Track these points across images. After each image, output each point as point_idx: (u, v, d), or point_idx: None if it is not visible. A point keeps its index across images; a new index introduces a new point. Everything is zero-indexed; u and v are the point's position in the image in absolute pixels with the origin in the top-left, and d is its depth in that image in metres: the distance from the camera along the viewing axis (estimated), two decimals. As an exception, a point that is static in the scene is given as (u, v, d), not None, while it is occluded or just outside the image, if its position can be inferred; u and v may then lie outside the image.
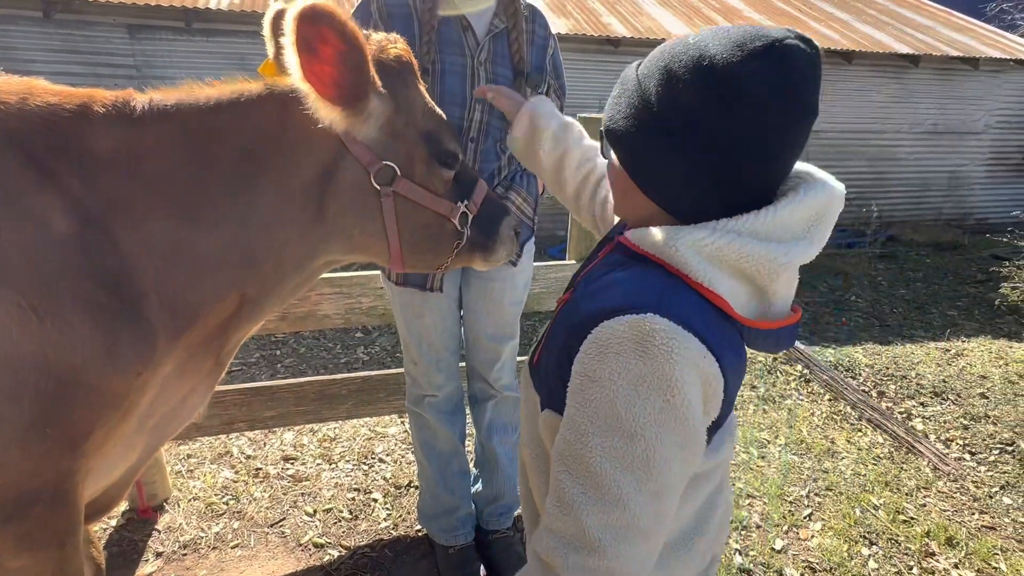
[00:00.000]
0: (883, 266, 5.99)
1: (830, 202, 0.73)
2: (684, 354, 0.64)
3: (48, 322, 0.92)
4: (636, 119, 0.71)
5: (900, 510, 2.39)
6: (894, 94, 7.07)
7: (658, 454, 0.65)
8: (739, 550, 2.13)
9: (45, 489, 0.98)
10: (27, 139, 0.96)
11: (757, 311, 0.73)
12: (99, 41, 5.00)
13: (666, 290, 0.69)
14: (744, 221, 0.69)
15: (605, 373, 0.66)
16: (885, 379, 3.60)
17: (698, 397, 0.66)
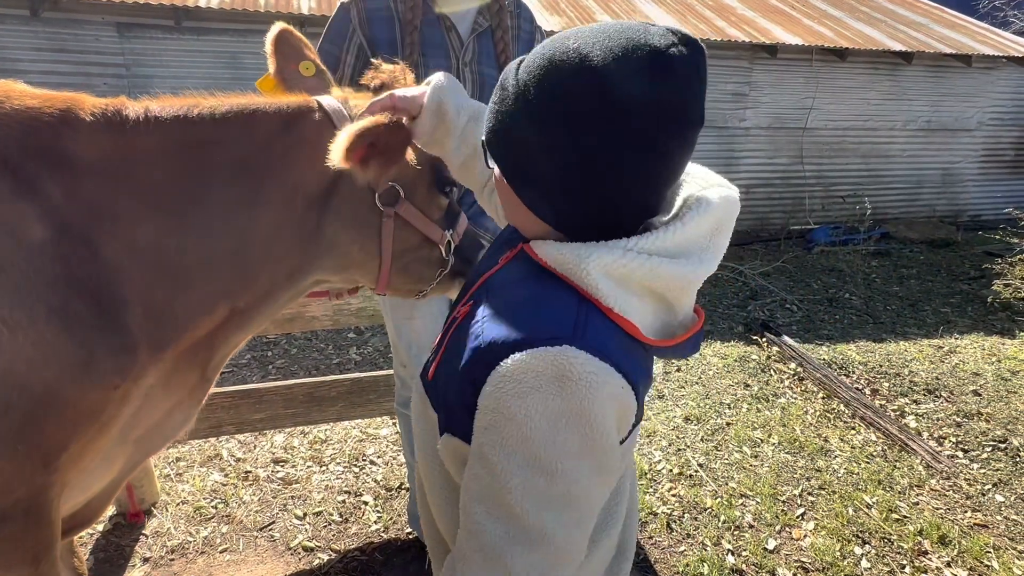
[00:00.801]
0: (876, 263, 5.99)
1: (729, 210, 0.70)
2: (603, 389, 0.61)
3: (20, 334, 0.90)
4: (516, 130, 0.67)
5: (893, 508, 2.39)
6: (887, 91, 7.08)
7: (578, 487, 0.63)
8: (731, 550, 2.12)
9: (18, 506, 0.96)
10: (1, 144, 0.94)
11: (664, 324, 0.71)
12: (88, 40, 4.94)
13: (580, 317, 0.65)
14: (653, 240, 0.66)
15: (521, 411, 0.62)
16: (878, 377, 3.60)
17: (614, 426, 0.65)
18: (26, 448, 0.92)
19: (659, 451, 2.71)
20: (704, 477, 2.53)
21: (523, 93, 0.66)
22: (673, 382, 3.39)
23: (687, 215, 0.67)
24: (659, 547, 2.12)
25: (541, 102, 0.65)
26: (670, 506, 2.33)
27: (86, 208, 0.99)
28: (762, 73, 6.62)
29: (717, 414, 3.06)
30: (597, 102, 0.61)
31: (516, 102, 0.67)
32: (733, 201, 0.71)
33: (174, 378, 1.17)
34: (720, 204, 0.69)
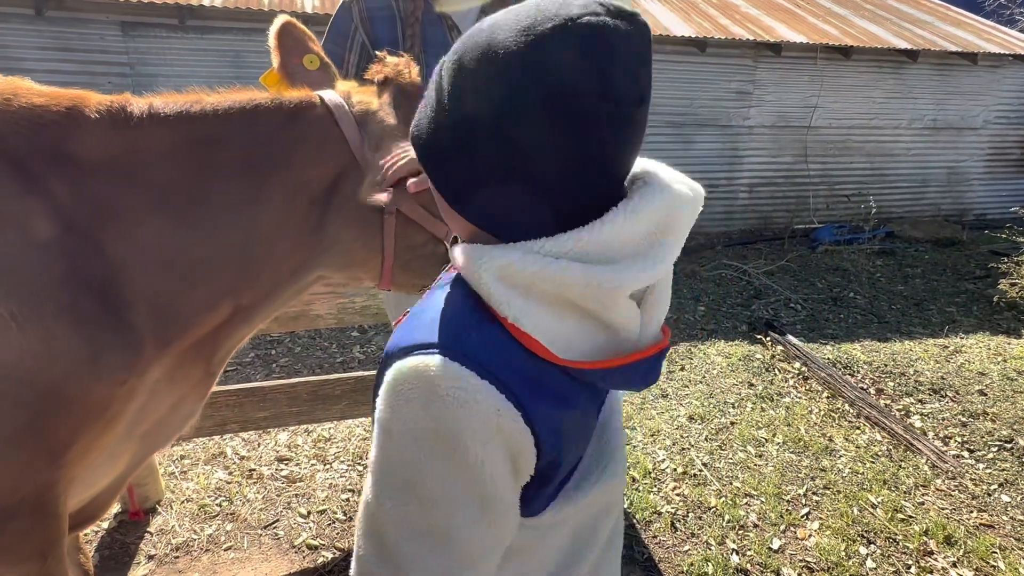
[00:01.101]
0: (881, 262, 5.97)
1: (675, 209, 0.60)
2: (473, 407, 0.54)
3: (28, 331, 0.90)
4: (434, 123, 0.60)
5: (898, 508, 2.38)
6: (892, 90, 7.05)
7: (455, 521, 0.56)
8: (736, 550, 2.12)
9: (25, 502, 0.96)
10: (9, 142, 0.94)
11: (605, 343, 0.61)
12: (92, 39, 4.96)
13: (467, 324, 0.58)
14: (565, 240, 0.56)
15: (395, 425, 0.56)
16: (883, 376, 3.58)
17: (499, 456, 0.56)
18: (34, 443, 0.93)
19: (663, 450, 2.70)
20: (708, 476, 2.52)
21: (438, 81, 0.60)
22: (677, 381, 3.38)
23: (607, 217, 0.57)
24: (663, 547, 2.12)
25: (453, 89, 0.58)
26: (674, 505, 2.33)
27: (92, 206, 0.99)
28: (766, 71, 6.60)
29: (721, 413, 3.05)
30: (500, 78, 0.54)
31: (434, 93, 0.61)
32: (682, 200, 0.61)
33: (179, 373, 1.17)
34: (661, 204, 0.59)
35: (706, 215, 6.80)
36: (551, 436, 0.59)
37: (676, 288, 5.00)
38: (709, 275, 5.37)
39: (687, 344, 3.87)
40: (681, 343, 3.89)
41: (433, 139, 0.61)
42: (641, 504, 2.31)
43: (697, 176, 0.68)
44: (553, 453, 0.60)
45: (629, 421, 2.92)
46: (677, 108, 6.43)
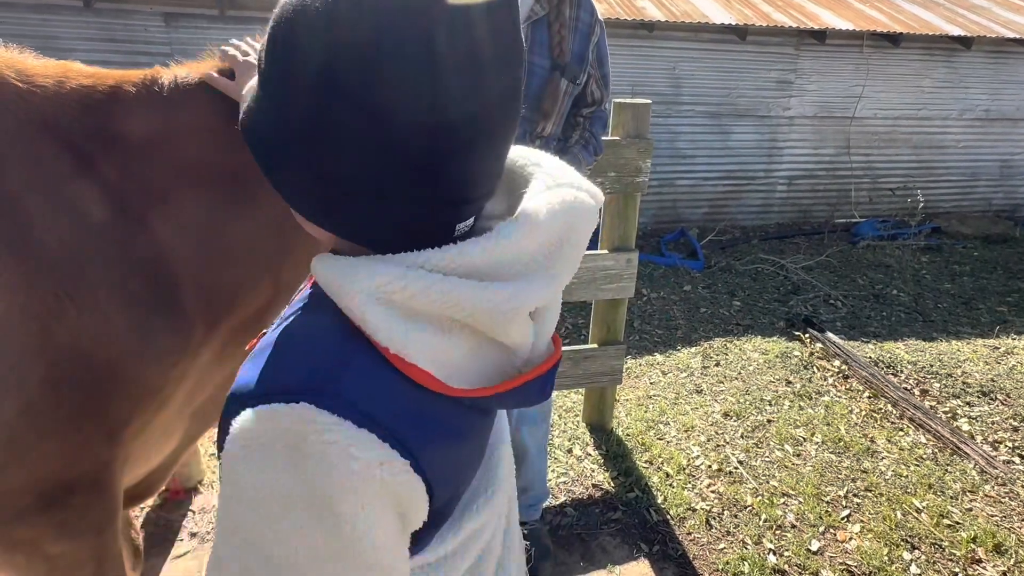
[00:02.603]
0: (927, 259, 5.75)
1: (572, 220, 0.53)
2: (350, 466, 0.44)
3: (84, 313, 0.92)
4: (253, 102, 0.51)
5: (944, 514, 2.30)
6: (943, 78, 6.74)
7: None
8: (773, 550, 2.07)
9: (83, 478, 0.99)
10: (63, 124, 0.96)
11: (495, 363, 0.55)
12: (136, 29, 5.08)
13: (337, 360, 0.47)
14: (454, 255, 0.48)
15: (248, 486, 0.45)
16: (928, 377, 3.46)
17: (384, 516, 0.47)
18: (91, 422, 0.95)
19: (697, 446, 2.66)
20: (744, 474, 2.47)
21: (263, 45, 0.50)
22: (711, 377, 3.32)
23: (503, 228, 0.50)
24: (698, 543, 2.09)
25: (265, 48, 0.49)
26: (709, 502, 2.29)
27: (138, 187, 1.01)
28: (809, 60, 6.39)
29: (757, 411, 2.98)
30: (304, 37, 0.45)
31: (261, 60, 0.51)
32: (582, 208, 0.54)
33: (227, 352, 1.19)
34: (559, 213, 0.52)
35: (742, 208, 6.65)
36: (445, 477, 0.51)
37: (711, 282, 4.91)
38: (744, 269, 5.25)
39: (722, 339, 3.80)
40: (716, 338, 3.82)
41: (264, 138, 0.50)
42: (675, 500, 2.28)
43: (734, 168, 0.60)
44: (447, 494, 0.53)
45: (662, 416, 2.88)
46: (714, 98, 6.28)
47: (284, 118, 0.48)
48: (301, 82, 0.46)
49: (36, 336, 0.88)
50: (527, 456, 1.92)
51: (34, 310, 0.88)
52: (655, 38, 5.87)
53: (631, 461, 2.50)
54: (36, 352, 0.88)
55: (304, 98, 0.46)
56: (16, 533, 0.95)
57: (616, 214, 2.30)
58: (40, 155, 0.92)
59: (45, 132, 0.93)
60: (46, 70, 0.98)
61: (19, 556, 0.98)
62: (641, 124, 2.13)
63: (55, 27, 4.85)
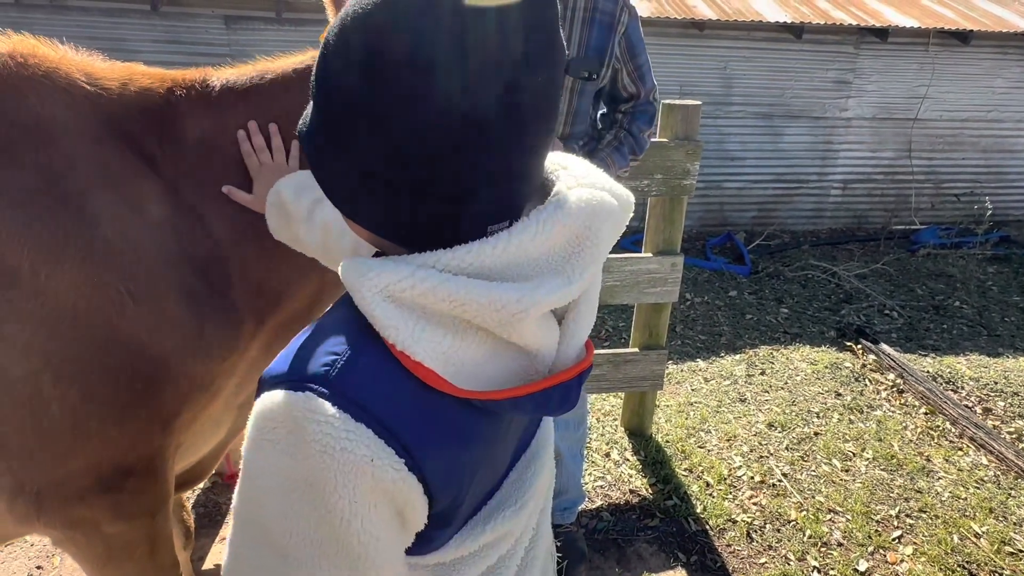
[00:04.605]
0: (993, 269, 5.42)
1: (596, 219, 0.52)
2: (342, 457, 0.46)
3: (144, 307, 0.97)
4: (310, 117, 0.54)
5: (1007, 541, 2.16)
6: (1017, 79, 6.35)
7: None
8: (817, 567, 2.00)
9: (139, 463, 1.04)
10: (127, 125, 1.00)
11: (518, 366, 0.54)
12: (199, 31, 5.31)
13: (346, 353, 0.49)
14: (464, 254, 0.49)
15: (256, 466, 0.49)
16: (992, 395, 3.26)
17: (373, 511, 0.48)
18: (147, 411, 1.00)
19: (739, 456, 2.59)
20: (788, 487, 2.39)
21: None
22: (756, 386, 3.22)
23: (520, 226, 0.50)
24: (738, 556, 2.03)
25: (316, 75, 0.52)
26: (750, 515, 2.23)
27: (192, 185, 1.05)
28: (869, 59, 6.12)
29: (804, 422, 2.88)
30: (343, 45, 0.47)
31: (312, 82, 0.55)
32: (602, 208, 0.53)
33: (274, 347, 1.23)
34: (579, 213, 0.51)
35: (792, 212, 6.43)
36: (446, 479, 0.51)
37: (757, 288, 4.77)
38: (793, 275, 5.08)
39: (768, 347, 3.68)
40: (762, 346, 3.70)
41: (311, 136, 0.54)
42: (715, 510, 2.22)
43: (784, 171, 0.58)
44: (449, 496, 0.53)
45: (704, 424, 2.82)
46: (767, 98, 6.10)
47: (325, 118, 0.51)
48: (340, 81, 0.48)
49: (100, 329, 0.93)
50: (562, 459, 1.91)
51: (99, 305, 0.92)
52: (706, 37, 5.74)
53: (670, 468, 2.46)
54: (99, 344, 0.93)
55: (343, 95, 0.48)
56: (77, 512, 1.01)
57: (662, 216, 2.26)
58: (106, 155, 0.97)
59: (111, 132, 0.98)
60: (111, 73, 1.03)
61: (79, 534, 1.04)
62: (690, 126, 2.09)
63: (125, 30, 5.12)
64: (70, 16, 5.05)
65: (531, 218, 0.51)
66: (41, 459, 0.93)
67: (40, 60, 0.94)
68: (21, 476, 0.93)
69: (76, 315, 0.90)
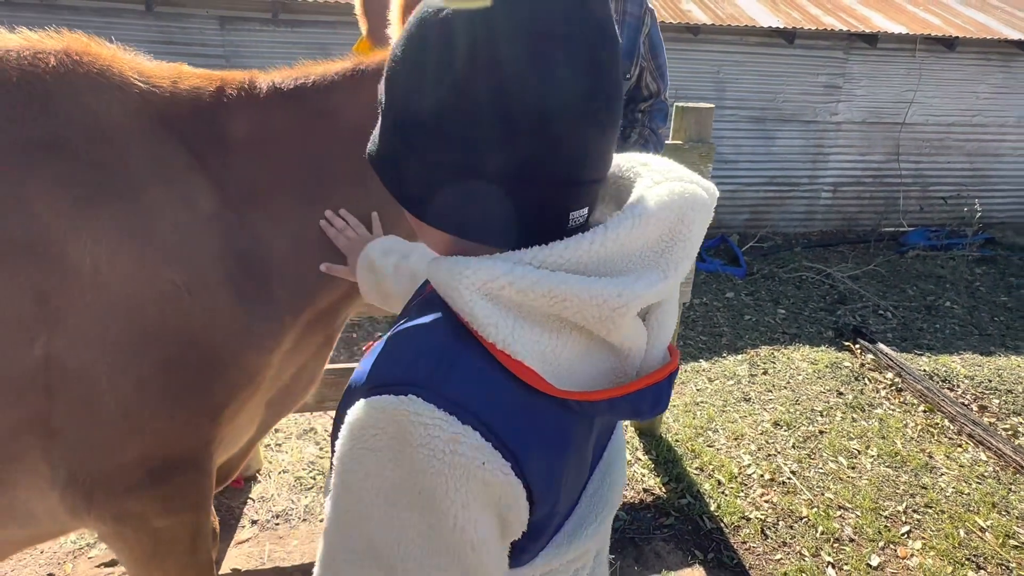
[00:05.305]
0: (981, 270, 5.55)
1: (686, 213, 0.52)
2: (453, 460, 0.45)
3: (197, 300, 0.97)
4: (379, 132, 0.56)
5: (1010, 534, 2.22)
6: (1000, 84, 6.51)
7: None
8: (832, 563, 2.03)
9: (187, 456, 1.04)
10: (177, 123, 1.00)
11: (608, 368, 0.54)
12: (193, 32, 5.26)
13: (445, 356, 0.48)
14: (561, 250, 0.48)
15: (357, 476, 0.48)
16: (987, 392, 3.34)
17: (482, 516, 0.47)
18: (197, 402, 1.00)
19: (748, 455, 2.62)
20: (798, 485, 2.43)
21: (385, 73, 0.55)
22: (759, 385, 3.27)
23: (611, 223, 0.50)
24: (753, 553, 2.06)
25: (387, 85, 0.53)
26: (763, 512, 2.26)
27: (237, 183, 1.05)
28: (858, 64, 6.25)
29: (809, 421, 2.93)
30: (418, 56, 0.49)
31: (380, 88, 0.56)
32: (692, 200, 0.53)
33: (302, 343, 1.23)
34: (669, 206, 0.51)
35: (784, 215, 6.53)
36: (547, 486, 0.50)
37: (753, 289, 4.83)
38: (788, 277, 5.16)
39: (769, 348, 3.73)
40: (762, 346, 3.75)
41: (382, 148, 0.55)
42: (728, 508, 2.25)
43: (776, 174, 0.58)
44: (548, 504, 0.52)
45: (711, 423, 2.85)
46: (759, 102, 6.19)
47: (404, 126, 0.51)
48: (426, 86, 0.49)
49: (155, 321, 0.93)
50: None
51: (154, 297, 0.92)
52: (700, 42, 5.82)
53: (681, 467, 2.48)
54: (154, 336, 0.93)
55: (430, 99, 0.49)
56: (127, 506, 1.00)
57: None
58: (159, 151, 0.97)
59: (163, 130, 0.98)
60: (161, 71, 1.03)
61: (128, 529, 1.03)
62: (704, 128, 2.12)
63: (118, 30, 5.05)
64: (60, 15, 4.98)
65: (626, 212, 0.51)
66: (95, 451, 0.93)
67: (93, 58, 0.93)
68: (75, 468, 0.93)
69: (132, 307, 0.90)
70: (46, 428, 0.90)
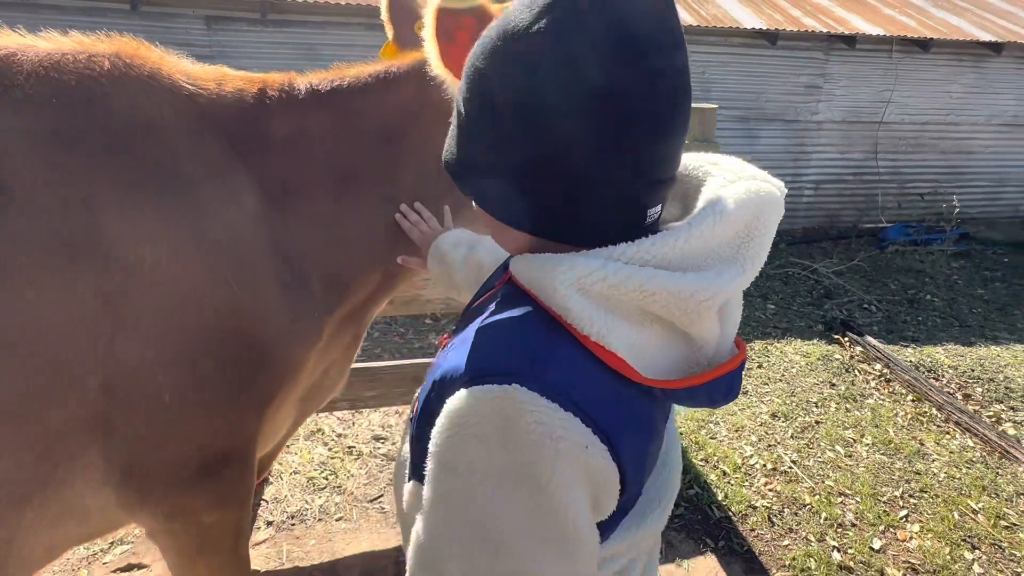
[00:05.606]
0: (958, 264, 5.74)
1: (762, 210, 0.55)
2: (558, 444, 0.48)
3: (248, 296, 0.98)
4: (458, 134, 0.58)
5: (1001, 515, 2.32)
6: (972, 84, 6.74)
7: (530, 569, 0.50)
8: (836, 547, 2.10)
9: (235, 451, 1.05)
10: (223, 123, 1.02)
11: (683, 358, 0.57)
12: (179, 32, 5.19)
13: (542, 347, 0.51)
14: (649, 247, 0.51)
15: (462, 463, 0.50)
16: (970, 381, 3.47)
17: (582, 496, 0.50)
18: (247, 398, 1.01)
19: (749, 446, 2.69)
20: (799, 474, 2.50)
21: (457, 103, 0.58)
22: (755, 378, 3.35)
23: (695, 220, 0.53)
24: (762, 540, 2.12)
25: (470, 94, 0.55)
26: (768, 500, 2.33)
27: (278, 182, 1.07)
28: (838, 65, 6.41)
29: (805, 412, 3.01)
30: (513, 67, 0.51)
31: (458, 102, 0.58)
32: (767, 198, 0.56)
33: (333, 340, 1.25)
34: (746, 203, 0.55)
35: (769, 212, 6.67)
36: (636, 470, 0.53)
37: (743, 285, 4.93)
38: (775, 273, 5.27)
39: (762, 342, 3.82)
40: (755, 340, 3.84)
41: (460, 155, 0.58)
42: (735, 497, 2.31)
43: None
44: (635, 487, 0.55)
45: (711, 415, 2.92)
46: (743, 102, 6.31)
47: (489, 131, 0.54)
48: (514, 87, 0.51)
49: (210, 317, 0.94)
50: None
51: (209, 294, 0.94)
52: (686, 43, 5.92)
53: (687, 459, 2.54)
54: (209, 332, 0.94)
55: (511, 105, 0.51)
56: (180, 501, 1.01)
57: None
58: (208, 151, 0.98)
59: (210, 130, 1.00)
60: (206, 74, 1.05)
61: (178, 524, 1.04)
62: (708, 128, 2.18)
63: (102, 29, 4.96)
64: (44, 15, 4.88)
65: (707, 210, 0.54)
66: (150, 447, 0.94)
67: (143, 61, 0.94)
68: (130, 464, 0.93)
69: (190, 305, 0.92)
70: (104, 425, 0.90)
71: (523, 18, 0.50)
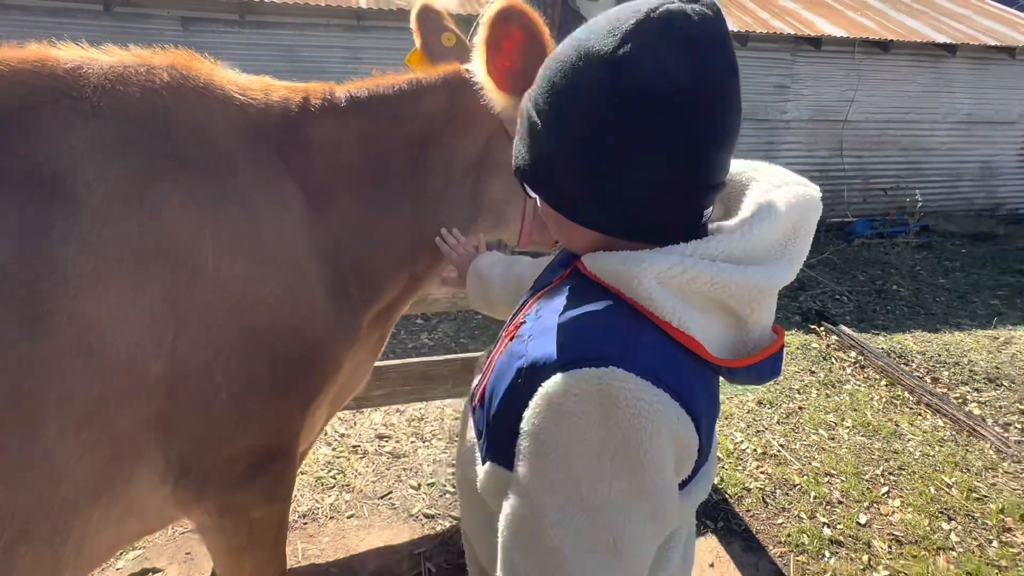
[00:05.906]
0: (920, 256, 6.03)
1: (807, 211, 0.63)
2: (655, 418, 0.54)
3: (300, 297, 1.03)
4: (533, 147, 0.64)
5: (972, 488, 2.49)
6: (929, 84, 7.07)
7: (627, 534, 0.55)
8: (826, 523, 2.23)
9: (282, 447, 1.09)
10: (271, 132, 1.06)
11: (733, 342, 0.64)
12: (153, 33, 5.09)
13: (630, 334, 0.57)
14: (716, 244, 0.59)
15: (562, 440, 0.55)
16: (938, 366, 3.68)
17: (670, 464, 0.57)
18: (294, 395, 1.06)
19: (739, 432, 2.82)
20: (787, 457, 2.64)
21: (528, 110, 0.64)
22: (740, 368, 3.49)
23: (754, 220, 0.61)
24: (758, 519, 2.24)
25: (546, 106, 0.61)
26: (761, 482, 2.45)
27: (318, 187, 1.12)
28: (804, 65, 6.65)
29: (788, 399, 3.16)
30: (595, 89, 0.57)
31: (528, 116, 0.64)
32: (812, 201, 0.64)
33: (363, 340, 1.30)
34: (795, 206, 0.62)
35: (742, 208, 6.87)
36: (708, 438, 0.61)
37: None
38: (751, 267, 5.46)
39: (743, 333, 3.98)
40: (737, 332, 3.99)
41: (536, 163, 0.64)
42: (731, 481, 2.43)
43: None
44: (705, 456, 0.62)
45: (701, 405, 3.04)
46: (716, 102, 6.49)
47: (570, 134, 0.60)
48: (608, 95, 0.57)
49: (265, 318, 0.98)
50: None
51: (264, 294, 0.98)
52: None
53: (682, 447, 2.65)
54: (264, 332, 0.99)
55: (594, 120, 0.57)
56: (233, 498, 1.05)
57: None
58: (259, 158, 1.02)
59: (260, 138, 1.04)
60: (253, 84, 1.09)
61: (229, 520, 1.08)
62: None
63: (72, 30, 4.83)
64: (8, 15, 4.73)
65: (762, 213, 0.61)
66: (208, 445, 0.97)
67: (197, 72, 0.98)
68: (188, 462, 0.97)
69: (247, 306, 0.96)
70: (165, 425, 0.94)
71: (607, 43, 0.57)
